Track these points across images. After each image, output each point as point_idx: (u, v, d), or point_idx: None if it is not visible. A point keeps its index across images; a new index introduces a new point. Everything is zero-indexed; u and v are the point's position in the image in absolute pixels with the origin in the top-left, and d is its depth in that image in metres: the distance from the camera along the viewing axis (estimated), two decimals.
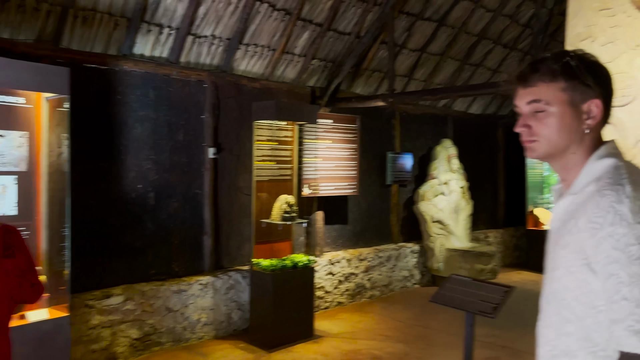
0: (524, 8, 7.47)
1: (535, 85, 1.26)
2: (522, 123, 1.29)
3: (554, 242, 1.28)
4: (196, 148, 5.05)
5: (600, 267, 1.12)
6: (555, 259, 1.25)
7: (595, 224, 1.13)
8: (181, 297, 4.82)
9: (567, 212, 1.24)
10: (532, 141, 1.28)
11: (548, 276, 1.30)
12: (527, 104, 1.27)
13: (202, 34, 4.86)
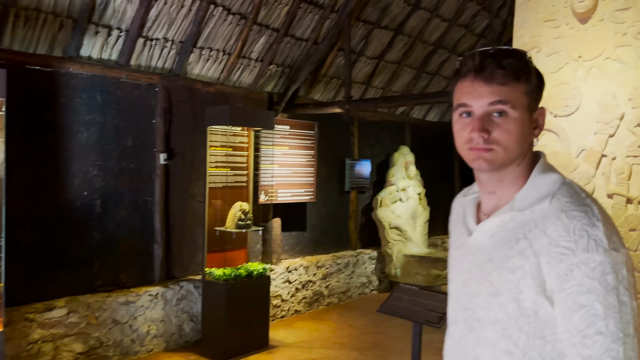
0: (478, 18, 7.61)
1: (503, 84, 1.07)
2: (479, 126, 1.07)
3: (489, 262, 1.12)
4: (146, 154, 4.89)
5: (568, 297, 1.00)
6: (496, 283, 1.09)
7: (565, 249, 1.00)
8: (129, 308, 4.64)
9: (508, 230, 1.10)
10: (488, 149, 1.08)
11: (480, 301, 1.11)
12: (489, 105, 1.07)
13: (153, 36, 4.72)
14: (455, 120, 1.16)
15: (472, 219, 1.22)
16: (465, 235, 1.23)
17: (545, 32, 2.75)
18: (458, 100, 1.13)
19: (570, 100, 2.63)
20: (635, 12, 2.50)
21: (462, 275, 1.20)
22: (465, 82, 1.11)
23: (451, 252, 1.31)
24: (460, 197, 1.34)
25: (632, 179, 2.47)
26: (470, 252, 1.19)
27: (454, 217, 1.34)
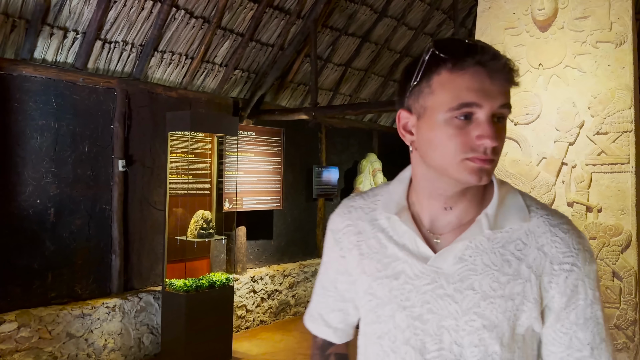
0: (444, 27, 7.68)
1: (510, 84, 0.92)
2: (494, 132, 0.89)
3: (470, 291, 0.95)
4: (104, 160, 4.71)
5: (571, 313, 0.96)
6: (489, 315, 0.95)
7: (570, 266, 0.96)
8: (85, 321, 4.44)
9: (486, 252, 0.97)
10: (492, 161, 0.92)
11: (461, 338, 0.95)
12: (499, 107, 0.90)
13: (112, 39, 4.57)
14: (445, 121, 0.91)
15: (421, 241, 0.99)
16: (403, 261, 1.00)
17: (507, 40, 2.74)
18: (458, 97, 0.89)
19: (530, 108, 2.62)
20: (594, 21, 2.51)
21: (410, 310, 0.98)
22: (470, 75, 0.90)
23: (365, 281, 1.04)
24: (356, 209, 1.11)
25: (591, 188, 2.47)
26: (427, 282, 0.98)
27: (350, 236, 1.09)
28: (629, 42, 2.44)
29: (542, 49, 2.62)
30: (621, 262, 2.39)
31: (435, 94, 0.92)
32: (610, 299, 2.41)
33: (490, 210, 0.97)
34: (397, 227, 1.03)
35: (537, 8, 2.60)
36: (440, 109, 0.91)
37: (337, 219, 1.14)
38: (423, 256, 0.99)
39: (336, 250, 1.13)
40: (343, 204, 1.16)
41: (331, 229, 1.15)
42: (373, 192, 1.13)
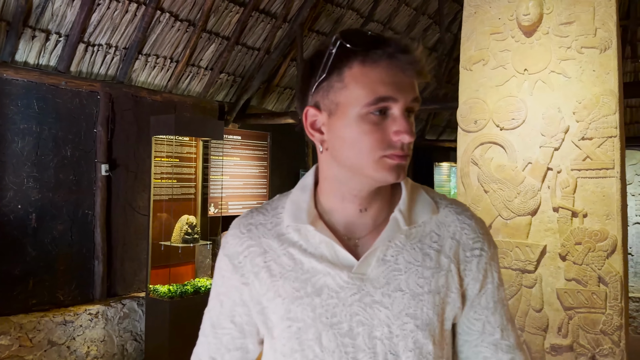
0: (430, 32, 7.71)
1: (419, 77, 0.88)
2: (410, 127, 0.87)
3: (398, 293, 0.91)
4: (87, 164, 4.64)
5: (482, 297, 0.97)
6: (421, 315, 0.91)
7: (479, 251, 0.97)
8: (67, 328, 4.36)
9: (405, 249, 0.94)
10: (408, 157, 0.89)
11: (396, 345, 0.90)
12: (411, 101, 0.87)
13: (95, 42, 4.51)
14: (360, 117, 0.86)
15: (341, 249, 0.92)
16: (323, 274, 0.92)
17: (492, 45, 2.74)
18: (373, 91, 0.85)
19: (516, 113, 2.62)
20: (578, 26, 2.52)
21: (338, 327, 0.90)
22: (383, 69, 0.85)
23: (281, 305, 0.92)
24: (256, 226, 0.99)
25: (577, 193, 2.48)
26: (353, 292, 0.90)
27: (254, 257, 0.96)
28: (613, 47, 2.45)
29: (528, 54, 2.63)
30: (607, 267, 2.40)
31: (348, 89, 0.86)
32: (597, 305, 2.41)
33: (403, 206, 0.95)
34: (310, 238, 0.94)
35: (522, 13, 2.61)
36: (354, 104, 0.86)
37: (233, 242, 0.99)
38: (345, 264, 0.91)
39: (235, 278, 0.98)
40: (238, 224, 1.01)
41: (227, 254, 0.99)
42: (270, 206, 1.01)
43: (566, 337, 2.48)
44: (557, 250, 2.51)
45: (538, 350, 2.53)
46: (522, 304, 2.57)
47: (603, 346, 2.40)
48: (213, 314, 1.03)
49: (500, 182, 2.63)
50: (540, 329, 2.53)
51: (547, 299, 2.52)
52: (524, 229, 2.57)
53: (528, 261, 2.55)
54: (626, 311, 2.44)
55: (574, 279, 2.46)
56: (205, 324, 1.06)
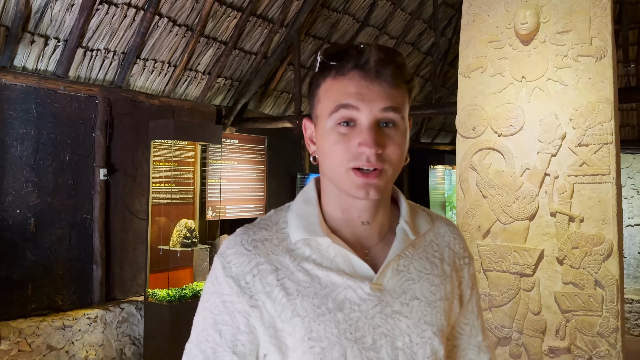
0: (425, 37, 7.77)
1: (396, 87, 0.86)
2: (373, 139, 0.84)
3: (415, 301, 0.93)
4: (85, 169, 4.65)
5: (470, 303, 1.04)
6: (436, 322, 0.94)
7: (467, 259, 1.04)
8: (66, 333, 4.36)
9: (414, 259, 0.96)
10: (380, 171, 0.86)
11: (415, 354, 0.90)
12: (381, 111, 0.85)
13: (94, 47, 4.52)
14: (327, 130, 0.87)
15: (359, 261, 0.91)
16: (344, 288, 0.89)
17: (490, 53, 2.79)
18: (337, 100, 0.86)
19: (514, 120, 2.67)
20: (575, 35, 2.57)
21: (362, 342, 0.88)
22: (348, 80, 0.86)
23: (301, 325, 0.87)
24: (262, 242, 0.93)
25: (574, 198, 2.53)
26: (374, 304, 0.90)
27: (266, 276, 0.90)
28: (608, 56, 2.51)
29: (525, 62, 2.68)
30: (603, 271, 2.45)
31: (321, 102, 0.90)
32: (593, 307, 2.46)
33: (408, 217, 0.97)
34: (324, 252, 0.91)
35: (519, 22, 2.66)
36: (324, 115, 0.88)
37: (238, 260, 0.91)
38: (364, 276, 0.90)
39: (242, 301, 0.89)
40: (239, 241, 0.93)
41: (231, 275, 0.90)
42: (271, 221, 0.97)
43: (564, 339, 2.53)
44: (554, 254, 2.56)
45: (536, 352, 2.58)
46: (521, 307, 2.61)
47: (600, 348, 2.45)
48: (207, 346, 0.91)
49: (499, 187, 2.68)
50: (538, 332, 2.58)
51: (545, 302, 2.57)
52: (522, 234, 2.62)
53: (526, 265, 2.60)
54: (622, 314, 2.49)
55: (571, 282, 2.51)
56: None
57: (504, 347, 2.67)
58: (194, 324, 0.95)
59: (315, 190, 0.98)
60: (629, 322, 5.98)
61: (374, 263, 0.92)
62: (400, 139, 0.88)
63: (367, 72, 0.85)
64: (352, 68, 0.86)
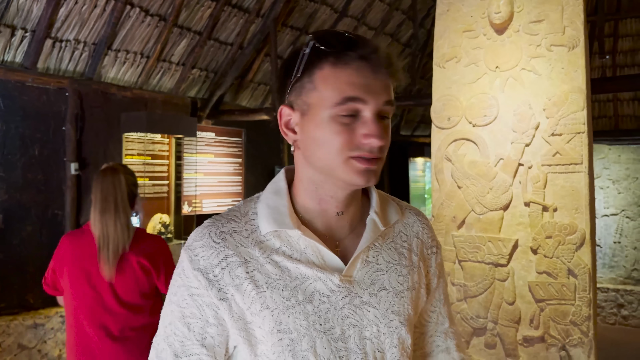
0: (404, 28, 7.75)
1: (391, 79, 0.89)
2: (380, 131, 0.86)
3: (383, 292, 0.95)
4: (55, 164, 4.52)
5: (437, 291, 1.07)
6: (403, 311, 0.96)
7: (435, 248, 1.07)
8: (38, 331, 4.26)
9: (383, 249, 0.98)
10: (378, 160, 0.88)
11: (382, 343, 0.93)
12: (383, 104, 0.87)
13: (63, 37, 4.39)
14: (326, 119, 0.86)
15: (329, 253, 0.91)
16: (313, 279, 0.90)
17: (464, 43, 2.77)
18: (343, 91, 0.85)
19: (488, 110, 2.66)
20: (548, 25, 2.56)
21: (331, 333, 0.89)
22: (352, 70, 0.85)
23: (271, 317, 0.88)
24: (231, 234, 0.91)
25: (547, 188, 2.53)
26: (343, 295, 0.91)
27: (235, 269, 0.89)
28: (581, 45, 2.50)
29: (499, 51, 2.67)
30: (576, 260, 2.46)
31: (318, 90, 0.87)
32: (566, 296, 2.47)
33: (378, 208, 0.98)
34: (294, 243, 0.91)
35: (493, 11, 2.64)
36: (324, 105, 0.86)
37: (206, 253, 0.90)
38: (334, 268, 0.91)
39: (210, 294, 0.88)
40: (207, 233, 0.92)
41: (198, 268, 0.89)
42: (240, 212, 0.95)
43: (538, 328, 2.53)
44: (528, 244, 2.56)
45: (511, 342, 2.58)
46: (496, 297, 2.61)
47: (573, 336, 2.46)
48: (175, 340, 0.90)
49: (473, 178, 2.67)
50: (513, 322, 2.58)
51: (519, 291, 2.58)
52: (496, 224, 2.62)
53: (500, 255, 2.60)
54: (594, 302, 2.51)
55: (544, 271, 2.51)
56: (164, 356, 0.90)
57: (479, 338, 2.67)
58: (161, 317, 0.94)
59: (285, 181, 0.97)
60: (604, 310, 6.08)
61: (344, 254, 0.93)
62: (390, 129, 0.92)
63: (374, 65, 0.85)
64: (357, 58, 0.85)
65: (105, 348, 2.13)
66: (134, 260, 2.17)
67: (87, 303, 2.14)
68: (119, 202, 2.17)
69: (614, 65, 8.65)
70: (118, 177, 2.22)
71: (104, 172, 2.25)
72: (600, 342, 2.57)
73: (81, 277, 2.15)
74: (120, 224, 2.14)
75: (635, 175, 6.13)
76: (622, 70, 8.60)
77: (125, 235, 2.14)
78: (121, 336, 2.15)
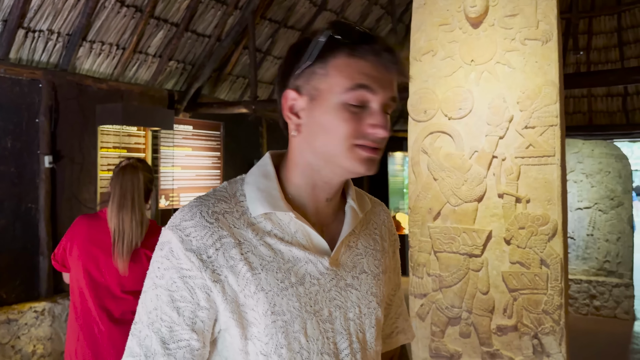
0: (383, 22, 7.78)
1: (405, 79, 0.95)
2: (386, 122, 0.91)
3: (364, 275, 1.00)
4: (29, 156, 4.44)
5: (396, 276, 1.16)
6: (378, 293, 1.01)
7: (395, 235, 1.15)
8: (11, 327, 4.19)
9: (361, 235, 1.04)
10: (380, 150, 0.93)
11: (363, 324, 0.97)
12: (389, 99, 0.91)
13: (36, 27, 4.30)
14: (336, 105, 0.89)
15: (318, 236, 0.94)
16: (304, 262, 0.92)
17: (441, 36, 2.79)
18: (355, 79, 0.88)
19: (463, 103, 2.69)
20: (522, 19, 2.60)
21: (320, 314, 0.92)
22: (366, 62, 0.89)
23: (265, 300, 0.88)
24: (224, 215, 0.90)
25: (520, 179, 2.57)
26: (331, 277, 0.94)
27: (229, 250, 0.88)
28: (554, 39, 2.54)
29: (474, 45, 2.69)
30: (548, 250, 2.51)
31: (330, 76, 0.89)
32: (539, 286, 2.52)
33: (354, 196, 1.03)
34: (285, 226, 0.93)
35: (469, 5, 2.66)
36: (335, 90, 0.89)
37: (199, 233, 0.87)
38: (322, 251, 0.94)
39: (204, 276, 0.86)
40: (198, 212, 0.89)
41: (191, 248, 0.87)
42: (228, 193, 0.94)
43: (511, 317, 2.58)
44: (502, 234, 2.60)
45: (485, 331, 2.63)
46: (470, 287, 2.65)
47: (545, 325, 2.51)
48: (163, 325, 0.86)
49: (449, 170, 2.70)
50: (487, 311, 2.63)
51: (493, 281, 2.62)
52: (471, 215, 2.65)
53: (475, 246, 2.64)
54: (566, 291, 2.56)
55: (518, 261, 2.56)
56: (148, 343, 0.87)
57: (454, 327, 2.71)
58: (141, 303, 0.90)
59: (272, 165, 0.98)
60: (577, 301, 6.22)
61: (328, 239, 0.96)
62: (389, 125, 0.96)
63: (386, 61, 0.89)
64: (371, 52, 0.89)
65: (105, 330, 2.27)
66: (142, 253, 2.32)
67: (93, 285, 2.28)
68: (136, 199, 2.31)
69: (588, 62, 8.82)
70: (137, 175, 2.36)
71: (124, 169, 2.37)
72: (573, 331, 2.64)
73: (90, 259, 2.29)
74: (136, 220, 2.29)
75: (608, 169, 6.27)
76: (596, 67, 8.78)
77: (138, 232, 2.30)
78: (121, 319, 2.27)
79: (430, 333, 2.76)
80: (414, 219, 2.79)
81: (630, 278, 6.07)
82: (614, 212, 6.20)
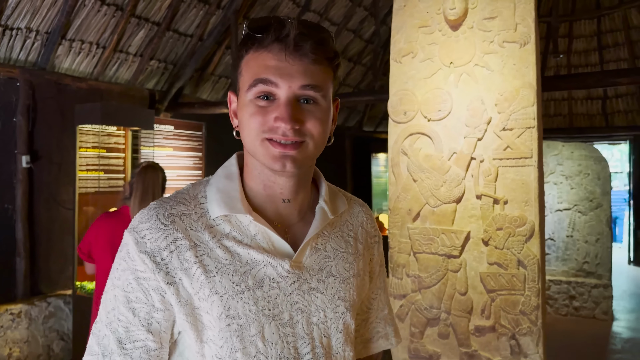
0: (366, 24, 7.80)
1: (317, 64, 0.87)
2: (290, 114, 0.85)
3: (330, 278, 0.96)
4: (5, 156, 4.36)
5: (379, 278, 1.12)
6: (349, 297, 0.97)
7: (377, 238, 1.11)
8: None
9: (331, 237, 1.00)
10: (298, 143, 0.87)
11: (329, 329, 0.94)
12: (300, 88, 0.86)
13: (14, 25, 4.23)
14: (246, 102, 0.87)
15: (279, 239, 0.92)
16: (264, 265, 0.90)
17: (420, 38, 2.80)
18: (256, 74, 0.86)
19: (442, 105, 2.70)
20: (501, 21, 2.62)
21: (279, 318, 0.89)
22: (268, 53, 0.85)
23: (219, 303, 0.86)
24: (180, 217, 0.89)
25: (498, 181, 2.59)
26: (293, 280, 0.91)
27: (184, 252, 0.87)
28: (531, 42, 2.57)
29: (453, 47, 2.71)
30: (525, 251, 2.53)
31: (242, 75, 0.90)
32: (516, 287, 2.54)
33: (327, 197, 1.00)
34: (244, 229, 0.91)
35: (448, 7, 2.68)
36: (243, 88, 0.89)
37: (153, 235, 0.87)
38: (284, 254, 0.92)
39: (157, 278, 0.86)
40: (154, 215, 0.89)
41: (145, 251, 0.86)
42: (189, 195, 0.93)
43: (489, 318, 2.60)
44: (480, 235, 2.62)
45: (463, 332, 2.64)
46: (448, 288, 2.67)
47: (522, 326, 2.53)
48: (119, 325, 0.86)
49: (428, 171, 2.71)
50: (465, 312, 2.64)
51: (471, 282, 2.64)
52: (449, 216, 2.67)
53: (453, 247, 2.65)
54: (543, 292, 2.59)
55: (495, 262, 2.58)
56: (106, 342, 0.86)
57: (433, 328, 2.72)
58: (102, 303, 0.90)
59: (237, 165, 0.97)
60: (557, 302, 6.29)
61: (293, 241, 0.94)
62: (322, 115, 0.89)
63: (287, 46, 0.85)
64: (273, 41, 0.85)
65: None
66: None
67: None
68: (156, 195, 2.72)
69: (569, 65, 8.94)
70: (157, 174, 2.79)
71: (145, 168, 2.79)
72: (553, 332, 2.66)
73: (112, 253, 2.50)
74: None
75: (587, 171, 6.35)
76: (576, 70, 8.90)
77: None
78: None
79: (410, 334, 2.77)
80: (393, 220, 2.80)
81: (608, 279, 6.16)
82: (593, 213, 6.28)
